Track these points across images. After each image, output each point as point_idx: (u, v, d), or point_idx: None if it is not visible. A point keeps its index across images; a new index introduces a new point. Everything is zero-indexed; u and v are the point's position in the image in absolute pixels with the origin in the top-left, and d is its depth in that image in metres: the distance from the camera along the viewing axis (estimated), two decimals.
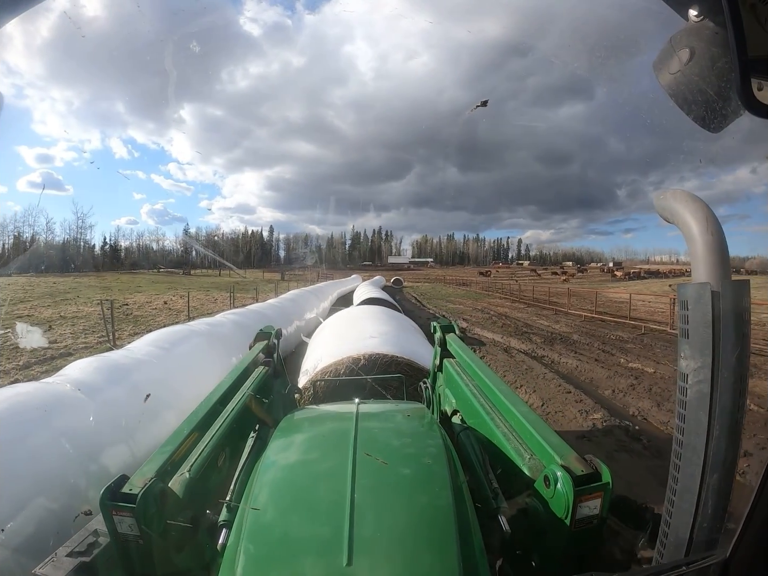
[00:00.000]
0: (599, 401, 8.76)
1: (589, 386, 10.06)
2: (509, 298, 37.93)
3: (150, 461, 2.00)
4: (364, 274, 68.36)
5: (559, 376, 10.60)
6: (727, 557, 1.26)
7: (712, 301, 1.23)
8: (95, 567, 1.68)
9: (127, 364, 4.94)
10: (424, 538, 1.54)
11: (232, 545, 1.63)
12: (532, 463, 2.03)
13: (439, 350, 3.91)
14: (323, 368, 5.61)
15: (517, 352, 13.85)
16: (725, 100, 1.26)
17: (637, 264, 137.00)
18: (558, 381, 10.10)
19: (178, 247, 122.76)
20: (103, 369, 4.58)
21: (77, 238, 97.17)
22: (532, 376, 10.62)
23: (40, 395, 3.73)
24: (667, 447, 5.01)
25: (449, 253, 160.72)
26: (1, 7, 1.17)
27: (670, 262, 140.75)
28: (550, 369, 11.51)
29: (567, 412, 8.11)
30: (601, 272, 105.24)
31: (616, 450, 6.53)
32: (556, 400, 8.82)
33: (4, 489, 2.84)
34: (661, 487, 4.38)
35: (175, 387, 5.10)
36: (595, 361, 12.39)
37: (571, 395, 9.02)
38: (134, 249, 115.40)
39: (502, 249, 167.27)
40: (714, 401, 1.24)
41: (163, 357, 5.53)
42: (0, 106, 1.25)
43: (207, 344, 6.64)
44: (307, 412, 3.01)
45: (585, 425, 7.49)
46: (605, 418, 7.69)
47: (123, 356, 5.21)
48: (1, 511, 2.75)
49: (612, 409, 8.38)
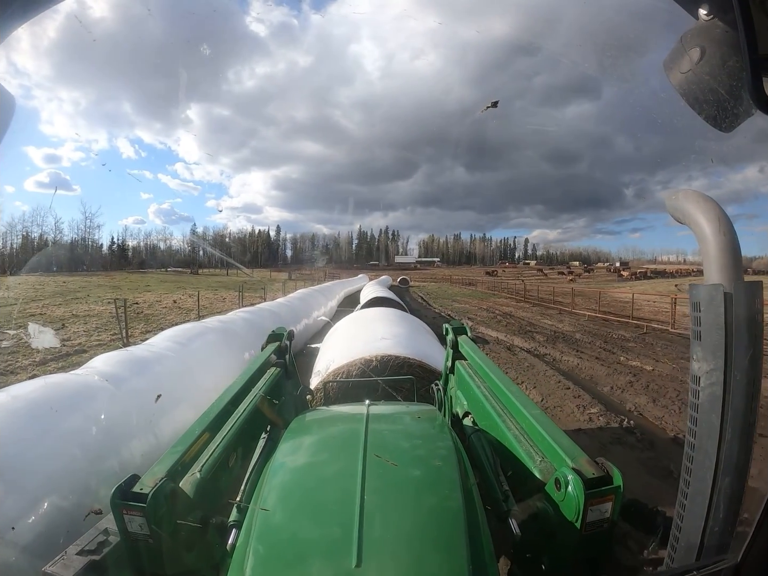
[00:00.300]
0: (597, 397, 8.96)
1: (589, 383, 10.20)
2: (514, 298, 38.00)
3: (161, 461, 2.00)
4: (371, 273, 68.87)
5: (560, 373, 10.79)
6: (738, 562, 1.25)
7: (724, 302, 1.22)
8: (105, 566, 1.69)
9: (148, 357, 5.27)
10: (434, 541, 1.54)
11: (241, 546, 1.64)
12: (543, 465, 2.02)
13: (450, 352, 3.89)
14: (335, 369, 5.61)
15: (520, 350, 14.02)
16: (736, 99, 1.25)
17: (645, 264, 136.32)
18: (558, 378, 10.31)
19: (185, 246, 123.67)
20: (125, 362, 4.88)
21: (86, 237, 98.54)
22: (534, 373, 10.84)
23: (49, 391, 3.79)
24: (658, 441, 5.30)
25: (456, 253, 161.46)
26: (12, 13, 1.19)
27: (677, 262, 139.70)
28: (552, 366, 11.65)
29: (565, 406, 8.33)
30: (608, 272, 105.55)
31: (611, 443, 6.78)
32: (556, 395, 9.05)
33: (16, 487, 2.89)
34: (649, 476, 4.67)
35: (193, 380, 5.42)
36: (595, 359, 12.50)
37: (570, 391, 9.26)
38: (141, 249, 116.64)
39: (508, 249, 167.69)
40: (726, 404, 1.23)
41: (180, 351, 5.85)
42: (13, 109, 1.25)
43: (222, 340, 6.95)
44: (317, 414, 3.02)
45: (582, 419, 7.73)
46: (601, 413, 7.95)
47: (144, 350, 5.56)
48: (12, 509, 2.79)
49: (609, 404, 8.59)
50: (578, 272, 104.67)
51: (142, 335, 15.01)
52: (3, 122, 1.21)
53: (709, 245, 1.28)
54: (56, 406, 3.55)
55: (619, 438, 6.97)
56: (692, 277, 79.18)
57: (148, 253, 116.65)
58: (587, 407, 8.24)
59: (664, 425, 7.55)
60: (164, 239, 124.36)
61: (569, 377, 10.53)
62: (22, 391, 3.76)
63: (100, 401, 3.96)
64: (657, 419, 7.82)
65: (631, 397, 9.10)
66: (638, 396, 9.09)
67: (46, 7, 1.30)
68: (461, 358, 3.74)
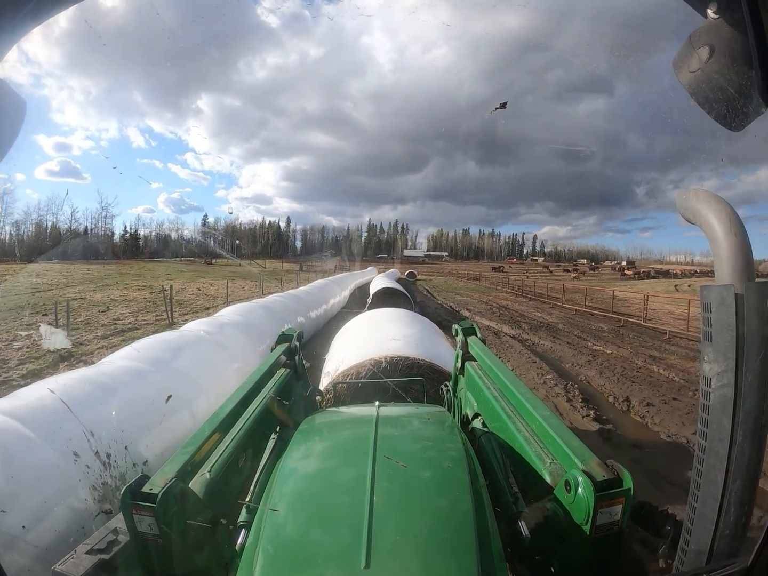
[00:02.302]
0: (557, 370, 11.43)
1: (555, 360, 12.66)
2: (515, 293, 40.28)
3: (171, 461, 2.00)
4: (379, 266, 70.01)
5: (533, 353, 13.30)
6: (749, 566, 1.22)
7: (735, 303, 1.20)
8: (114, 565, 1.69)
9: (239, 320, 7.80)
10: (443, 543, 1.54)
11: (250, 546, 1.66)
12: (553, 467, 2.01)
13: (460, 353, 3.88)
14: (345, 370, 5.64)
15: (505, 335, 16.58)
16: (746, 98, 1.23)
17: (652, 263, 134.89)
18: (530, 356, 12.82)
19: (196, 236, 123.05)
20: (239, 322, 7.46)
21: (99, 227, 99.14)
22: (511, 352, 13.38)
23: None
24: (591, 395, 7.99)
25: (464, 248, 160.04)
26: (24, 17, 1.18)
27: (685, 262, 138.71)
28: (528, 348, 14.17)
29: (528, 374, 10.81)
30: (613, 270, 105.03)
31: (555, 396, 9.22)
32: (524, 367, 11.53)
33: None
34: (570, 406, 7.28)
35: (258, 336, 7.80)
36: (567, 344, 14.96)
37: (536, 364, 11.79)
38: (152, 238, 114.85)
39: (516, 245, 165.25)
40: (738, 406, 1.21)
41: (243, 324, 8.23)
42: (24, 113, 1.26)
43: (269, 316, 9.45)
44: (327, 416, 3.02)
45: (538, 382, 10.24)
46: (555, 379, 10.40)
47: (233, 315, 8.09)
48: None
49: (564, 374, 11.06)
50: (583, 270, 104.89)
51: (182, 317, 17.54)
52: (15, 125, 1.24)
53: (721, 246, 1.26)
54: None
55: (561, 393, 9.43)
56: (696, 278, 79.33)
57: (160, 243, 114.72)
58: (545, 374, 10.79)
59: (602, 390, 10.05)
60: (176, 229, 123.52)
61: (540, 356, 13.02)
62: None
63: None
64: (599, 386, 10.35)
65: (584, 371, 11.58)
66: (591, 370, 11.58)
67: (59, 9, 1.30)
68: (471, 359, 3.74)
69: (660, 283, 64.38)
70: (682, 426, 7.65)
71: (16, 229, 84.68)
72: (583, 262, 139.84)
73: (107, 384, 4.27)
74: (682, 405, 8.73)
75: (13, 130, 1.23)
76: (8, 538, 2.68)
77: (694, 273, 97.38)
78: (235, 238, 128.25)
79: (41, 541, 2.78)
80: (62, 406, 3.62)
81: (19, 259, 65.72)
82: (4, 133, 1.21)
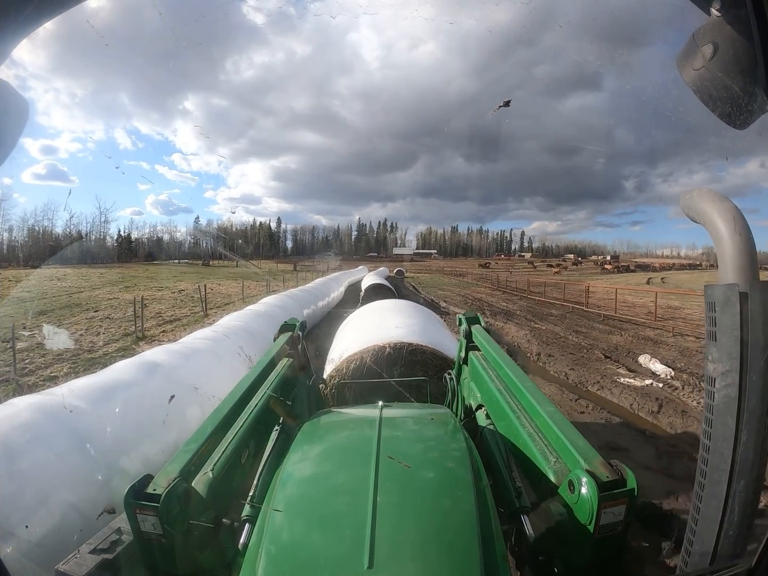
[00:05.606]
0: (497, 338, 15.61)
1: (500, 333, 16.90)
2: (492, 288, 44.38)
3: (174, 460, 1.99)
4: (369, 265, 73.10)
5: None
6: (753, 567, 1.22)
7: (740, 302, 1.19)
8: (118, 564, 1.69)
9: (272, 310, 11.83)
10: (446, 543, 1.54)
11: (253, 545, 1.67)
12: (558, 467, 2.00)
13: (464, 342, 3.86)
14: (349, 357, 5.69)
15: None
16: (750, 96, 1.24)
17: (638, 257, 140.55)
18: None
19: (189, 238, 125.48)
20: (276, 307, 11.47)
21: (97, 231, 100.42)
22: None
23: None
24: (516, 352, 12.64)
25: (453, 245, 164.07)
26: (23, 20, 1.17)
27: (671, 256, 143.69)
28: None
29: None
30: (595, 265, 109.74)
31: None
32: None
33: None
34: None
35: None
36: (515, 324, 19.22)
37: None
38: (144, 241, 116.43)
39: (505, 241, 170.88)
40: (742, 406, 1.20)
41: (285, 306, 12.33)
42: (27, 114, 1.24)
43: (294, 303, 13.68)
44: (330, 416, 2.91)
45: None
46: None
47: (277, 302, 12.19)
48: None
49: (501, 342, 15.35)
50: (565, 265, 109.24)
51: (212, 310, 21.62)
52: (18, 126, 1.23)
53: (725, 245, 1.25)
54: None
55: None
56: (673, 271, 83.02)
57: (153, 245, 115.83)
58: None
59: (524, 349, 14.48)
60: (168, 231, 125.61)
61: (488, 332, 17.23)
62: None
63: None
64: (524, 347, 14.73)
65: (518, 340, 15.93)
66: (522, 339, 15.91)
67: (60, 10, 1.29)
68: (475, 348, 3.77)
69: (636, 276, 68.89)
70: (567, 368, 11.95)
71: (12, 234, 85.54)
72: (570, 257, 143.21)
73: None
74: (575, 358, 13.04)
75: (16, 132, 1.21)
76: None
77: (672, 266, 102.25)
78: (230, 239, 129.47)
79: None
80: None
81: (21, 265, 65.94)
82: (7, 134, 1.19)
